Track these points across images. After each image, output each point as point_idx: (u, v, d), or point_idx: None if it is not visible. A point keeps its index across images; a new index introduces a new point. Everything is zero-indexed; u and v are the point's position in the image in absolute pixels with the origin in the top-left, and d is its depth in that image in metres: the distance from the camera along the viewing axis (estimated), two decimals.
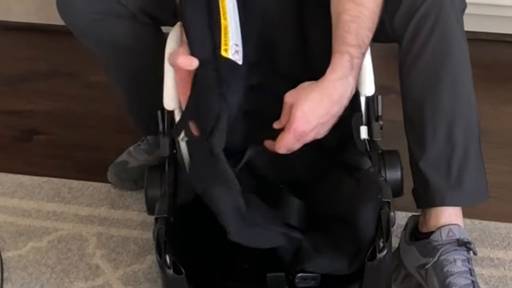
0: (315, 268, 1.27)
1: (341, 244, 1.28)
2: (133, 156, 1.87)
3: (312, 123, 1.28)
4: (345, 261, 1.26)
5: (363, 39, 1.30)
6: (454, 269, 1.41)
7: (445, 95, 1.40)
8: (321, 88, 1.28)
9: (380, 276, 1.29)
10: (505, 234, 1.68)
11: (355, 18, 1.30)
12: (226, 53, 1.32)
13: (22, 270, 1.66)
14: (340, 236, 1.29)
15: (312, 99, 1.28)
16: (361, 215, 1.26)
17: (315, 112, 1.28)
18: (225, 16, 1.34)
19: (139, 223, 1.76)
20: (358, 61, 1.30)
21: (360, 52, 1.30)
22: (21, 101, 2.28)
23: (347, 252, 1.26)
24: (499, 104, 2.11)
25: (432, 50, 1.37)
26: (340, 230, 1.30)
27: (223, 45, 1.32)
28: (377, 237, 1.25)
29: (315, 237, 1.30)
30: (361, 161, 1.37)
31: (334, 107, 1.29)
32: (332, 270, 1.27)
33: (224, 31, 1.33)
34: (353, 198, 1.30)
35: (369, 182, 1.32)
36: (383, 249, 1.23)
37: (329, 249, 1.28)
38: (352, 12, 1.30)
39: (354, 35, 1.29)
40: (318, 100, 1.28)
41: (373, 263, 1.23)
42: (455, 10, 1.37)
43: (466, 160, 1.43)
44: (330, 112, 1.29)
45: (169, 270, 1.24)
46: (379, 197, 1.29)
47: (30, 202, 1.85)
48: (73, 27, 1.56)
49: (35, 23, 2.63)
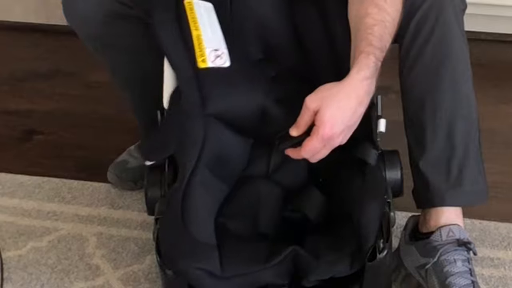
0: (317, 276, 1.26)
1: (341, 244, 1.27)
2: (133, 155, 1.87)
3: (340, 126, 1.23)
4: (346, 262, 1.25)
5: (385, 44, 1.29)
6: (454, 269, 1.40)
7: (445, 95, 1.40)
8: (347, 88, 1.24)
9: (380, 277, 1.28)
10: (505, 234, 1.68)
11: (379, 22, 1.29)
12: (204, 63, 1.32)
13: (22, 270, 1.66)
14: (340, 235, 1.28)
15: (339, 100, 1.23)
16: (365, 212, 1.26)
17: (343, 114, 1.23)
18: (196, 26, 1.33)
19: (139, 223, 1.76)
20: (379, 63, 1.28)
21: (382, 56, 1.28)
22: (21, 101, 2.28)
23: (348, 252, 1.26)
24: (499, 104, 2.11)
25: (432, 50, 1.37)
26: (340, 228, 1.29)
27: (199, 57, 1.32)
28: (377, 237, 1.25)
29: (312, 241, 1.29)
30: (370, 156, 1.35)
31: (360, 107, 1.25)
32: (335, 273, 1.26)
33: (197, 41, 1.33)
34: (357, 195, 1.29)
35: (375, 178, 1.32)
36: (383, 249, 1.23)
37: (328, 251, 1.26)
38: (376, 16, 1.29)
39: (378, 38, 1.28)
40: (346, 101, 1.24)
41: (373, 263, 1.23)
42: (455, 10, 1.37)
43: (466, 160, 1.43)
44: (357, 113, 1.25)
45: (169, 271, 1.24)
46: (385, 196, 1.29)
47: (30, 202, 1.85)
48: (81, 31, 1.56)
49: (35, 23, 2.63)
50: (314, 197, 1.35)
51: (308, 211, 1.34)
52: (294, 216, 1.35)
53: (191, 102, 1.32)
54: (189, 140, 1.31)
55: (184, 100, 1.33)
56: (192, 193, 1.28)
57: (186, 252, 1.23)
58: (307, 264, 1.25)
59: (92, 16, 1.51)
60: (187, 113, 1.32)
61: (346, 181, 1.35)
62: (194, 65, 1.32)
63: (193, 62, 1.33)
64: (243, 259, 1.26)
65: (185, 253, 1.23)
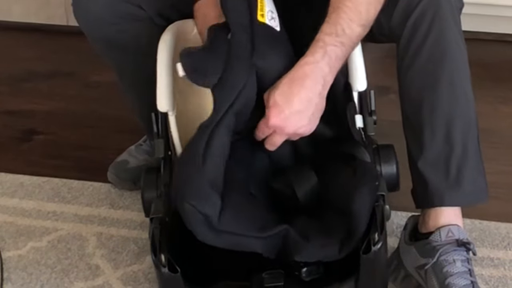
0: (305, 257, 1.26)
1: (331, 229, 1.27)
2: (134, 155, 1.87)
3: (285, 112, 1.27)
4: (335, 247, 1.25)
5: (342, 28, 1.29)
6: (454, 269, 1.40)
7: (442, 95, 1.40)
8: (290, 73, 1.28)
9: (376, 270, 1.28)
10: (505, 234, 1.68)
11: (336, 9, 1.30)
12: (262, 18, 1.32)
13: (22, 270, 1.66)
14: (330, 221, 1.28)
15: (281, 86, 1.27)
16: (356, 199, 1.25)
17: (286, 99, 1.27)
18: None
19: (139, 223, 1.77)
20: (333, 48, 1.28)
21: (337, 40, 1.29)
22: (21, 101, 2.28)
23: (337, 237, 1.26)
24: (498, 104, 2.11)
25: (429, 49, 1.37)
26: (331, 215, 1.29)
27: (259, 11, 1.32)
28: (371, 230, 1.25)
29: (303, 224, 1.29)
30: (358, 151, 1.36)
31: (306, 92, 1.27)
32: (323, 257, 1.26)
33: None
34: (348, 184, 1.29)
35: (365, 169, 1.32)
36: (377, 242, 1.23)
37: (318, 234, 1.27)
38: (334, 4, 1.31)
39: (331, 24, 1.29)
40: (288, 87, 1.27)
41: (368, 256, 1.23)
42: (452, 9, 1.38)
43: (465, 160, 1.43)
44: (303, 99, 1.27)
45: (164, 269, 1.24)
46: (376, 183, 1.29)
47: (30, 202, 1.86)
48: (91, 33, 1.55)
49: (35, 23, 2.64)
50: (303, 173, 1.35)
51: (296, 186, 1.33)
52: (283, 190, 1.35)
53: (243, 46, 1.31)
54: (232, 81, 1.31)
55: (235, 43, 1.32)
56: (218, 135, 1.29)
57: (194, 191, 1.24)
58: (296, 244, 1.26)
59: (103, 17, 1.51)
60: (237, 55, 1.31)
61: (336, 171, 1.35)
62: (253, 16, 1.32)
63: (252, 12, 1.33)
64: (240, 220, 1.27)
65: (193, 192, 1.24)
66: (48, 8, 2.59)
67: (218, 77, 1.31)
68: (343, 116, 1.36)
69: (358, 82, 1.40)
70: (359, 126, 1.38)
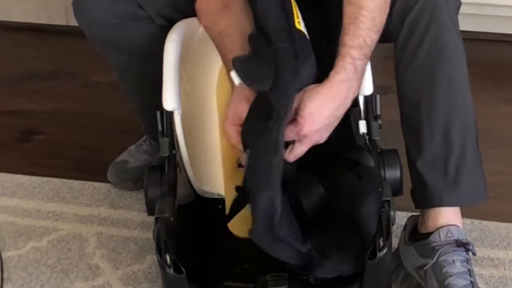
0: (325, 274, 1.26)
1: (347, 244, 1.28)
2: (134, 155, 1.87)
3: (318, 124, 1.26)
4: (352, 261, 1.26)
5: (364, 39, 1.29)
6: (453, 270, 1.41)
7: (440, 95, 1.40)
8: (326, 89, 1.27)
9: (380, 275, 1.29)
10: (505, 234, 1.68)
11: (353, 20, 1.29)
12: (299, 25, 1.32)
13: (22, 270, 1.66)
14: (345, 235, 1.29)
15: (317, 99, 1.26)
16: (362, 209, 1.26)
17: (321, 113, 1.26)
18: None
19: (139, 223, 1.77)
20: (360, 63, 1.29)
21: (362, 54, 1.29)
22: (21, 101, 2.28)
23: (353, 251, 1.26)
24: (498, 104, 2.11)
25: (427, 49, 1.37)
26: (344, 227, 1.29)
27: (296, 18, 1.32)
28: (377, 235, 1.25)
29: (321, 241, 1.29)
30: (362, 157, 1.36)
31: (338, 109, 1.28)
32: (342, 272, 1.27)
33: (294, 6, 1.33)
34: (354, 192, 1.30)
35: (369, 176, 1.32)
36: (383, 247, 1.23)
37: (336, 251, 1.27)
38: (350, 14, 1.30)
39: (353, 37, 1.28)
40: (324, 101, 1.26)
41: (373, 261, 1.23)
42: (449, 8, 1.37)
43: (464, 160, 1.43)
44: (334, 114, 1.28)
45: (170, 270, 1.24)
46: (380, 190, 1.29)
47: (30, 202, 1.86)
48: (91, 33, 1.55)
49: (35, 23, 2.64)
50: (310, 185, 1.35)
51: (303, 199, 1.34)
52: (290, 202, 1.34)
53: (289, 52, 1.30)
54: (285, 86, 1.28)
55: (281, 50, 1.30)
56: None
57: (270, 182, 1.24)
58: (315, 262, 1.26)
59: (103, 17, 1.51)
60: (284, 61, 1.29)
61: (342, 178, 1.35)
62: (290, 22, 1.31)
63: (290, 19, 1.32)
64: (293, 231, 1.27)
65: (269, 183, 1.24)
66: (48, 8, 2.59)
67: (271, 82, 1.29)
68: (348, 122, 1.37)
69: (365, 86, 1.39)
70: (363, 131, 1.39)
